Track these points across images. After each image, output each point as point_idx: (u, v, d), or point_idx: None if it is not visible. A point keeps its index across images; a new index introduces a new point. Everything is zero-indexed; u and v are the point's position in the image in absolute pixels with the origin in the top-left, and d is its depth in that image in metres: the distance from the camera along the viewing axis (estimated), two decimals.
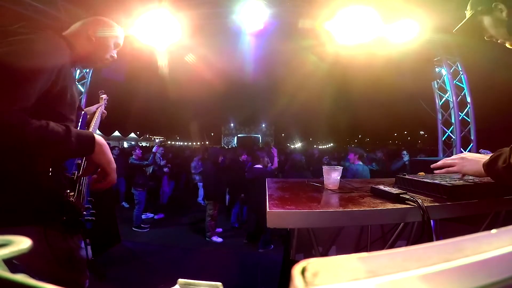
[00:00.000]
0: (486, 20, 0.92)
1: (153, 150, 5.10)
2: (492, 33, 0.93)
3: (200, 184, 6.13)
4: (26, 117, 0.70)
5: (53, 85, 0.82)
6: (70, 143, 0.76)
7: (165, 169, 5.48)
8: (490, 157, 0.87)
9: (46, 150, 0.75)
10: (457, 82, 4.67)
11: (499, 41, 0.93)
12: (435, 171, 1.08)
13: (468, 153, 1.01)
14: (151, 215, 5.02)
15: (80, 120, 1.08)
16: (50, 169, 0.84)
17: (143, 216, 4.62)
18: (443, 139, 4.93)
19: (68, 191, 0.88)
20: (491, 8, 0.89)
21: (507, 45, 0.91)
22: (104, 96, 1.53)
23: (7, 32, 0.80)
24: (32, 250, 0.20)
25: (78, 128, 1.05)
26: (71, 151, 0.79)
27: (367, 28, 3.17)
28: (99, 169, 0.90)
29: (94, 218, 1.06)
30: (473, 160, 0.96)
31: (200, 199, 6.24)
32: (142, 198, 4.49)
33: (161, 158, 5.35)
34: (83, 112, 1.13)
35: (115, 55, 1.14)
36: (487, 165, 0.87)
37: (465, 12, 1.00)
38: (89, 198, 1.07)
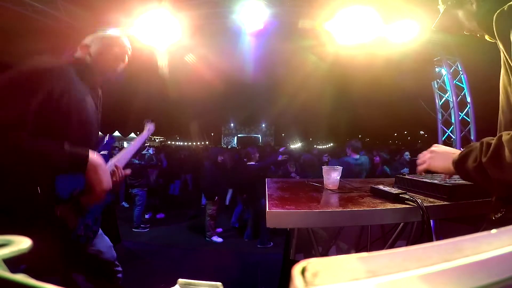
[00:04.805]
0: (460, 14, 0.86)
1: (151, 152, 5.14)
2: (468, 27, 0.86)
3: None
4: (24, 134, 0.78)
5: (47, 107, 0.85)
6: (62, 159, 0.83)
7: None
8: (460, 154, 0.76)
9: (40, 163, 0.82)
10: (457, 82, 4.66)
11: (478, 35, 0.86)
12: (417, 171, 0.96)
13: (438, 146, 0.89)
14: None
15: (105, 142, 1.14)
16: (39, 186, 0.87)
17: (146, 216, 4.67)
18: (443, 139, 4.93)
19: (58, 205, 0.90)
20: (462, 1, 0.83)
21: (487, 38, 0.83)
22: (150, 125, 1.44)
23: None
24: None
25: (99, 150, 1.10)
26: (63, 166, 0.86)
27: (367, 28, 3.17)
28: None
29: (91, 235, 1.08)
30: (442, 154, 0.85)
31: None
32: (145, 198, 4.52)
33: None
34: (107, 135, 1.18)
35: (118, 70, 1.14)
36: (456, 163, 0.76)
37: (438, 7, 0.94)
38: (96, 216, 1.09)
